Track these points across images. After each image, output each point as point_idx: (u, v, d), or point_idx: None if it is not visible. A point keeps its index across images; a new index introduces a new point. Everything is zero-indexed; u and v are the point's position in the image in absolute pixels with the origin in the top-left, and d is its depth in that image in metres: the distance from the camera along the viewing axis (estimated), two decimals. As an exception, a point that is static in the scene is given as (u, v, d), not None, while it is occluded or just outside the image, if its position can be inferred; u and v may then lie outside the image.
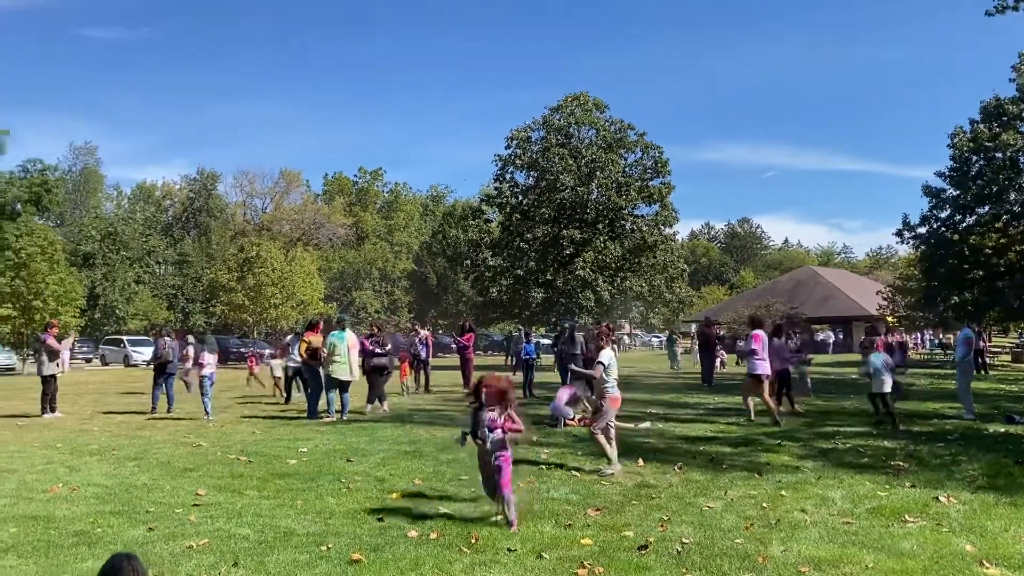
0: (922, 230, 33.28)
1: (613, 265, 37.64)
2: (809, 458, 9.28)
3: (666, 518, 6.43)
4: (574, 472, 8.46)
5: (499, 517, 6.26)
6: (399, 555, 5.44)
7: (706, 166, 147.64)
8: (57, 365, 15.34)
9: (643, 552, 5.49)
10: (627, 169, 38.94)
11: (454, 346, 24.86)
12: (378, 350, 14.97)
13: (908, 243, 34.96)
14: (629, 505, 6.95)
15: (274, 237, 66.10)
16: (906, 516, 6.40)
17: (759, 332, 13.18)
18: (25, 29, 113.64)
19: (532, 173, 39.49)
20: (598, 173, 37.57)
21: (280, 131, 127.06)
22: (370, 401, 14.85)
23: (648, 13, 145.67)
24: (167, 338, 15.95)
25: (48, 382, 15.09)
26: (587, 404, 12.68)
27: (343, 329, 14.06)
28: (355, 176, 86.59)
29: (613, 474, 8.23)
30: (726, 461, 9.10)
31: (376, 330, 15.86)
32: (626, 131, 39.02)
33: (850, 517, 6.41)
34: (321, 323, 15.40)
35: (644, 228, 38.41)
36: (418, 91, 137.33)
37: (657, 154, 39.05)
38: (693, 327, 43.33)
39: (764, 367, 12.82)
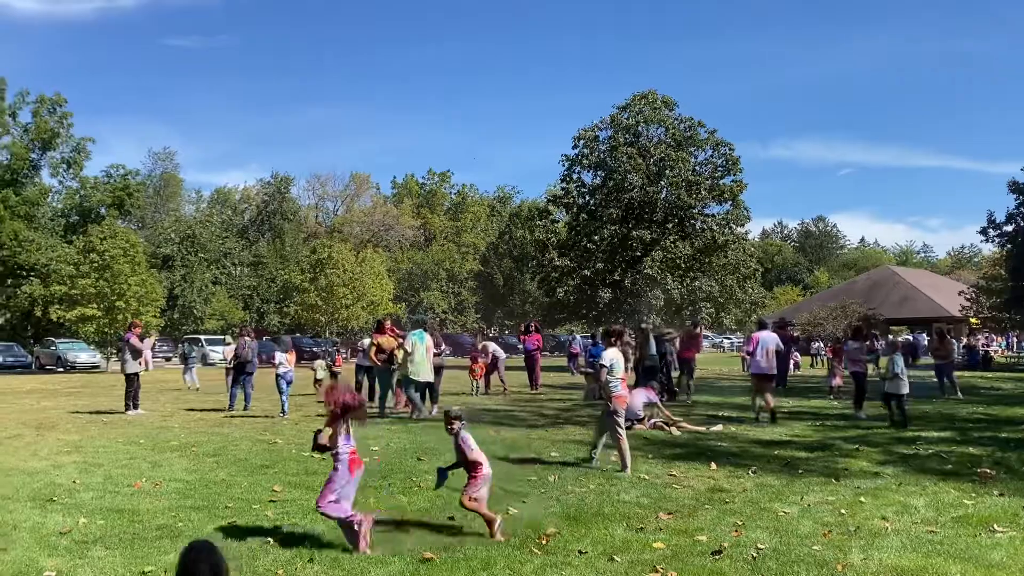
0: (1009, 228, 31.94)
1: (683, 265, 37.18)
2: (889, 464, 8.98)
3: (740, 523, 6.31)
4: (644, 475, 8.37)
5: None
6: (470, 555, 5.46)
7: (779, 163, 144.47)
8: (140, 363, 15.88)
9: (717, 557, 5.39)
10: (697, 167, 38.41)
11: (520, 347, 24.86)
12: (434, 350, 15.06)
13: (993, 242, 33.63)
14: (702, 509, 6.84)
15: (345, 239, 67.36)
16: (995, 526, 6.13)
17: (757, 334, 14.09)
18: (111, 40, 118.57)
19: (599, 173, 39.29)
20: (667, 172, 37.15)
21: (351, 135, 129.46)
22: (434, 401, 14.92)
23: (715, 9, 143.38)
24: (246, 338, 16.33)
25: (132, 380, 15.63)
26: (661, 408, 12.56)
27: (424, 329, 14.16)
28: (423, 178, 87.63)
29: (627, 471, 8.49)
30: (802, 466, 8.89)
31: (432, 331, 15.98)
32: (696, 128, 38.49)
33: (934, 526, 6.18)
34: (388, 323, 15.52)
35: (715, 227, 37.83)
36: (485, 93, 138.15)
37: (728, 151, 38.42)
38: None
39: (758, 366, 13.70)
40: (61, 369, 37.69)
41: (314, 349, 43.51)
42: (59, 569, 5.23)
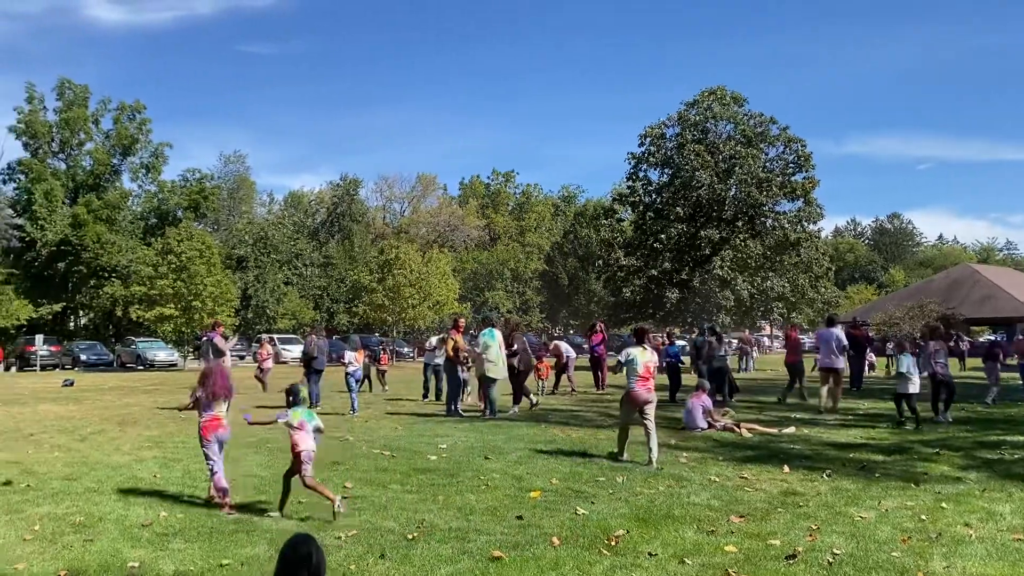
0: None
1: (753, 264, 36.55)
2: (972, 468, 8.65)
3: (815, 527, 6.16)
4: (714, 477, 8.24)
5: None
6: (539, 554, 5.46)
7: (852, 159, 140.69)
8: (225, 361, 16.37)
9: (791, 562, 5.28)
10: (768, 164, 37.70)
11: (586, 347, 24.74)
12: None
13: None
14: (775, 513, 6.70)
15: (411, 239, 68.09)
16: (1089, 536, 5.85)
17: (820, 331, 15.33)
18: (188, 47, 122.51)
19: (666, 171, 38.90)
20: (737, 169, 36.54)
21: (418, 137, 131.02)
22: (516, 401, 14.87)
23: (787, 1, 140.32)
24: (314, 336, 16.67)
25: None
26: (728, 409, 12.36)
27: (493, 327, 14.18)
28: (488, 178, 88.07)
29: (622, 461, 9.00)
30: (878, 469, 8.62)
31: (510, 330, 15.94)
32: (767, 125, 37.78)
33: (1022, 534, 5.92)
34: (462, 322, 15.58)
35: (786, 225, 37.05)
36: (549, 92, 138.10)
37: (800, 148, 37.60)
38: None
39: (822, 360, 14.87)
40: (141, 367, 39.04)
41: (381, 348, 44.20)
42: (142, 560, 5.42)
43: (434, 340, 18.81)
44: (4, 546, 5.83)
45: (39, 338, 38.81)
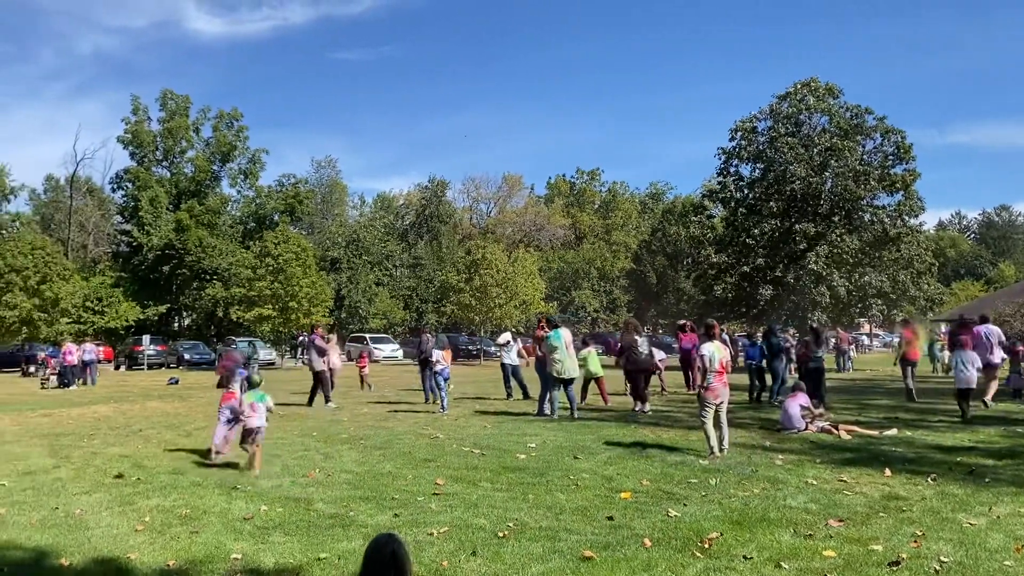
0: None
1: (850, 259, 35.30)
2: (1094, 475, 8.11)
3: (920, 533, 5.89)
4: (811, 480, 7.99)
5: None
6: (630, 555, 5.41)
7: (957, 149, 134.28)
8: (325, 361, 16.92)
9: (895, 568, 5.07)
10: (865, 156, 36.36)
11: (675, 347, 24.35)
12: (644, 351, 14.95)
13: None
14: (876, 517, 6.44)
15: (498, 239, 68.53)
16: None
17: (978, 328, 14.74)
18: (283, 55, 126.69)
19: (758, 165, 37.99)
20: (832, 162, 35.38)
21: (503, 137, 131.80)
22: (642, 401, 14.76)
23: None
24: (428, 335, 17.09)
25: (319, 376, 16.66)
26: (824, 410, 11.98)
27: (556, 328, 14.13)
28: (573, 177, 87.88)
29: (716, 458, 9.12)
30: (989, 474, 8.18)
31: (625, 328, 15.83)
32: (863, 116, 36.44)
33: None
34: (560, 321, 15.54)
35: (885, 219, 35.66)
36: (636, 88, 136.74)
37: (899, 139, 36.11)
38: (943, 327, 39.58)
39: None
40: (241, 366, 40.44)
41: (469, 348, 44.69)
42: (244, 552, 5.62)
43: (503, 337, 18.73)
44: (118, 536, 6.13)
45: (146, 338, 40.74)
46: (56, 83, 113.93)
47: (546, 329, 14.55)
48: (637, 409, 14.47)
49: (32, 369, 33.14)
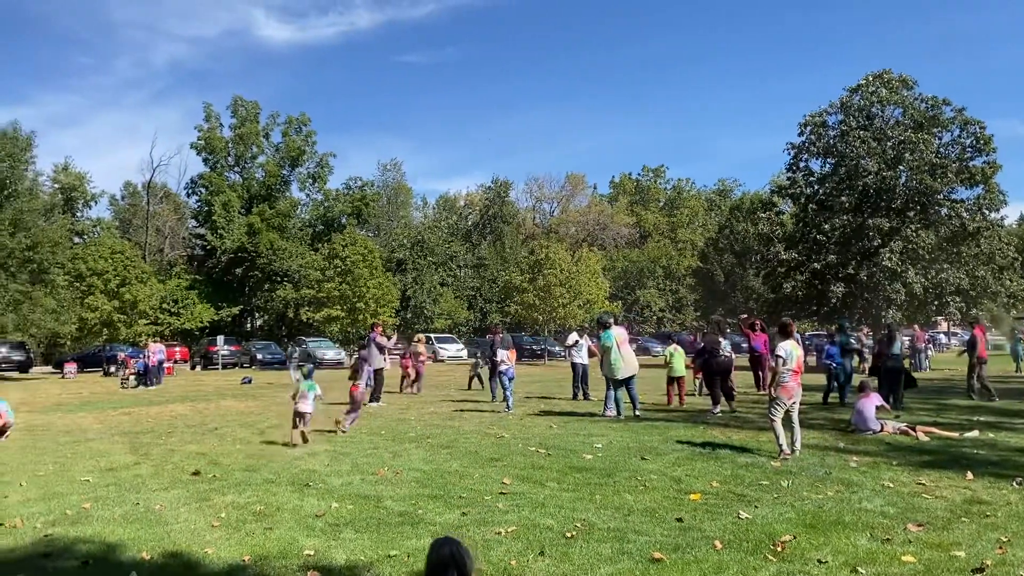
0: None
1: (926, 255, 34.13)
2: None
3: (1005, 539, 5.65)
4: (888, 483, 7.74)
5: None
6: (701, 557, 5.32)
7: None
8: (385, 359, 17.18)
9: (978, 575, 4.87)
10: (942, 149, 35.12)
11: (744, 346, 23.90)
12: (727, 353, 14.79)
13: None
14: (957, 522, 6.20)
15: (561, 239, 68.40)
16: None
17: None
18: (349, 60, 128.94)
19: (829, 160, 37.06)
20: (907, 155, 34.26)
21: (567, 136, 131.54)
22: (716, 402, 14.61)
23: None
24: (499, 335, 17.25)
25: (377, 375, 16.92)
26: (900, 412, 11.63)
27: (607, 328, 13.98)
28: (638, 175, 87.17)
29: (786, 458, 8.97)
30: (1080, 479, 7.81)
31: (710, 328, 15.69)
32: (940, 107, 35.18)
33: None
34: (611, 321, 15.39)
35: (964, 213, 34.37)
36: (701, 84, 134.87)
37: (978, 130, 34.75)
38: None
39: None
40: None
41: (533, 348, 44.71)
42: (316, 548, 5.72)
43: (571, 337, 18.56)
44: (195, 531, 6.31)
45: (220, 339, 41.91)
46: (133, 92, 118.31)
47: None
48: (717, 411, 14.31)
49: (112, 369, 34.45)
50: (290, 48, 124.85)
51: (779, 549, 5.47)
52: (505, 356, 16.08)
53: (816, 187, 37.42)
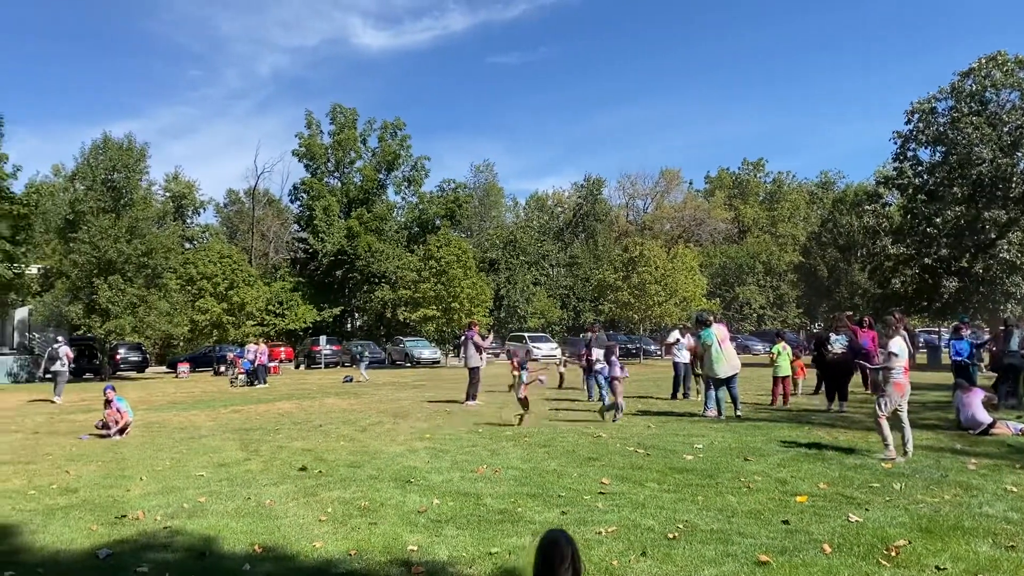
0: None
1: (1048, 246, 32.17)
2: None
3: None
4: (1011, 487, 7.32)
5: None
6: (809, 561, 5.16)
7: None
8: (481, 358, 17.37)
9: (1118, 588, 4.55)
10: (1066, 133, 32.99)
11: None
12: (837, 348, 14.38)
13: None
14: (1092, 530, 5.81)
15: (656, 236, 67.54)
16: None
17: None
18: (443, 63, 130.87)
19: (939, 148, 35.31)
20: (1025, 141, 32.34)
21: (661, 132, 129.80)
22: (831, 399, 14.36)
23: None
24: (595, 334, 17.26)
25: (474, 373, 17.12)
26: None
27: (708, 326, 13.68)
28: (738, 168, 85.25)
29: (893, 459, 8.61)
30: None
31: (839, 324, 15.31)
32: (1063, 88, 33.08)
33: None
34: (711, 319, 15.06)
35: (1090, 202, 32.21)
36: (801, 74, 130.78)
37: (1107, 112, 32.51)
38: None
39: None
40: (408, 364, 42.17)
41: (628, 346, 44.30)
42: (419, 544, 5.82)
43: (673, 336, 18.25)
44: (304, 526, 6.53)
45: (323, 339, 43.21)
46: (240, 102, 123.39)
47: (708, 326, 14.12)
48: (831, 408, 13.97)
49: (222, 368, 36.00)
50: (386, 54, 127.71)
51: (893, 554, 5.26)
52: (601, 355, 15.99)
53: (925, 177, 35.74)
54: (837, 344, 14.43)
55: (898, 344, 9.05)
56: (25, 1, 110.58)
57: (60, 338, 24.43)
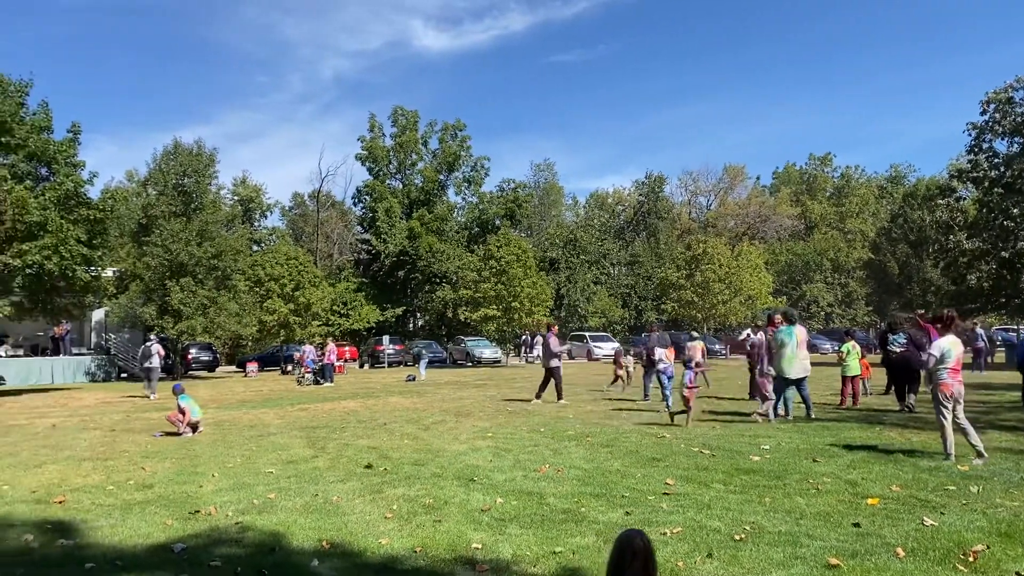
0: None
1: None
2: None
3: None
4: (1099, 491, 7.00)
5: None
6: (881, 565, 5.03)
7: None
8: (558, 359, 17.48)
9: None
10: None
11: (926, 342, 22.28)
12: (896, 347, 14.10)
13: None
14: None
15: (719, 233, 66.60)
16: None
17: None
18: (504, 63, 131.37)
19: (1016, 139, 33.95)
20: (1111, 129, 30.90)
21: (725, 129, 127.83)
22: (900, 399, 14.07)
23: None
24: (656, 333, 17.20)
25: (554, 373, 17.29)
26: None
27: (792, 324, 13.33)
28: (805, 164, 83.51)
29: (950, 455, 8.62)
30: None
31: (898, 323, 15.03)
32: None
33: None
34: (778, 318, 14.71)
35: None
36: (869, 66, 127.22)
37: None
38: None
39: None
40: (469, 363, 42.44)
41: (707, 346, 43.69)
42: (484, 543, 5.86)
43: (746, 333, 17.99)
44: (370, 522, 6.63)
45: (386, 338, 43.76)
46: (304, 106, 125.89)
47: (776, 327, 13.76)
48: (905, 409, 13.68)
49: (289, 367, 36.78)
50: (446, 56, 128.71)
51: (971, 559, 5.09)
52: (663, 354, 15.86)
53: (1002, 169, 34.37)
54: (896, 343, 14.05)
55: (940, 345, 8.71)
56: (102, 15, 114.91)
57: (152, 336, 25.64)
